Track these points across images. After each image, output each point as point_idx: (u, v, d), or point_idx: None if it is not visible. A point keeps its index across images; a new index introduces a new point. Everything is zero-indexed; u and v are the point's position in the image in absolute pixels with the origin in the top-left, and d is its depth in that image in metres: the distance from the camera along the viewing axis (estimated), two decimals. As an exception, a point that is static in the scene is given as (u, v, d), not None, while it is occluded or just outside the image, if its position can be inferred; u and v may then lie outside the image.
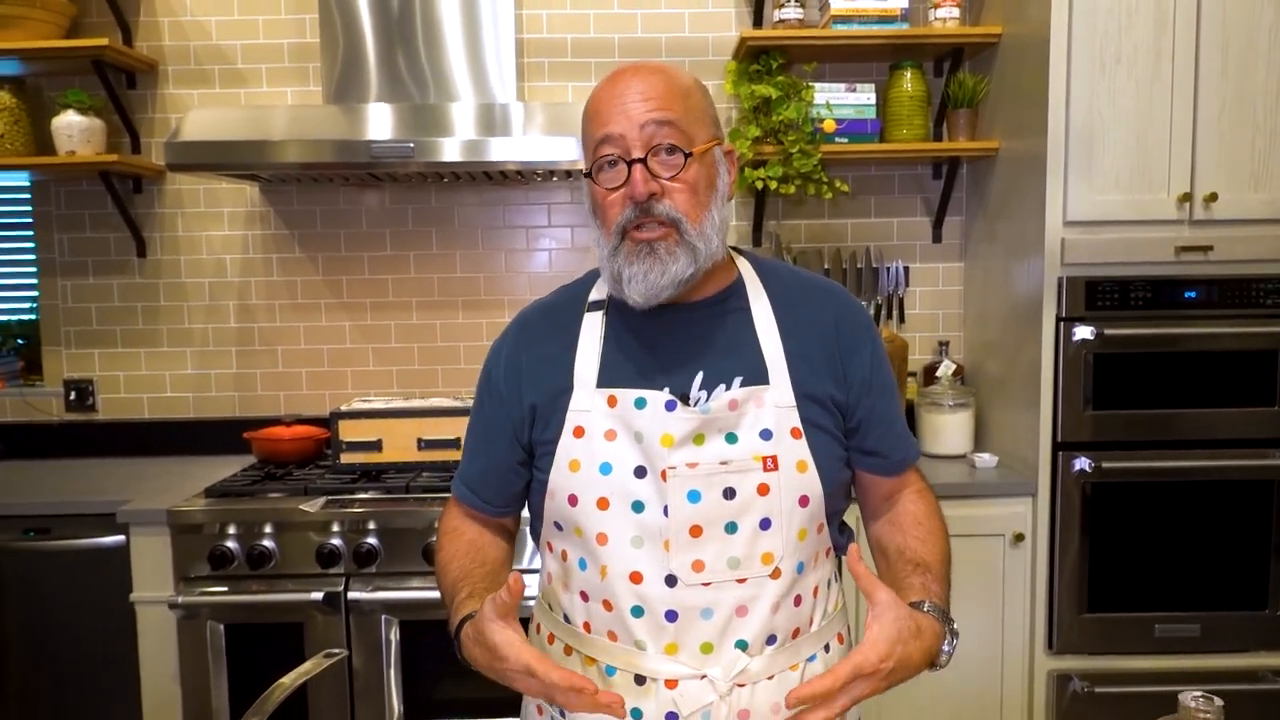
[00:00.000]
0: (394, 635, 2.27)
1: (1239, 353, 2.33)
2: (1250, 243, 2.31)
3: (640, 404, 1.14)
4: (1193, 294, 2.33)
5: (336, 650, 1.04)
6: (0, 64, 2.64)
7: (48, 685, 2.40)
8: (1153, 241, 2.32)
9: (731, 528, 1.12)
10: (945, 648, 1.08)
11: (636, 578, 1.12)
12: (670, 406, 1.13)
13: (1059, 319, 2.34)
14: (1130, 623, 2.38)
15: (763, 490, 1.12)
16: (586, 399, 1.16)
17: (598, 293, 1.24)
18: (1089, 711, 2.38)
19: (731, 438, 1.13)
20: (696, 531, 1.11)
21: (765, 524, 1.13)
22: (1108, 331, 2.31)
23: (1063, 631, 2.38)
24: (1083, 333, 2.32)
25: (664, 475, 1.11)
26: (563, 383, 1.19)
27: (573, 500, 1.15)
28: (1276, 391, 2.34)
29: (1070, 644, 2.39)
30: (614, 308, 1.22)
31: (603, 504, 1.13)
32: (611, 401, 1.16)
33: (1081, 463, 2.34)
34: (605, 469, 1.14)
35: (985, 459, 2.53)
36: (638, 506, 1.12)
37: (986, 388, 2.74)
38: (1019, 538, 2.38)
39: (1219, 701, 0.82)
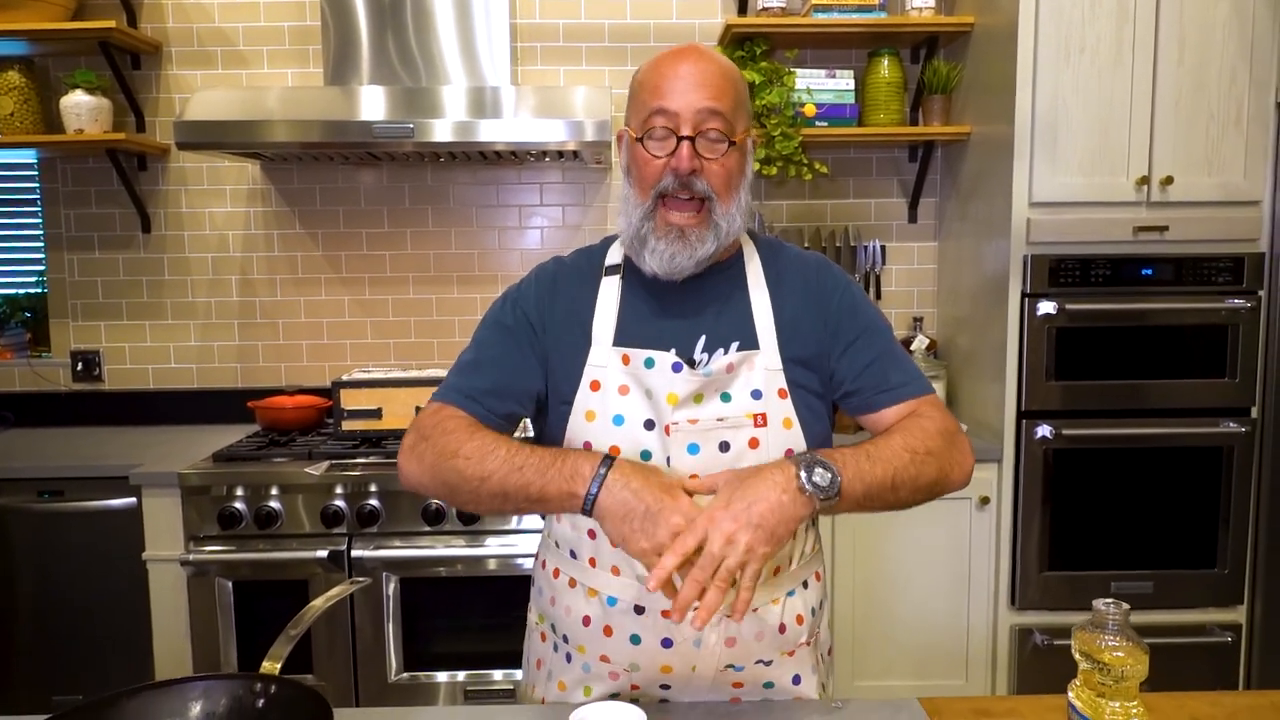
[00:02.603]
0: (394, 591, 2.40)
1: (1193, 327, 2.48)
2: (1203, 223, 2.45)
3: (649, 364, 1.25)
4: (1149, 271, 2.47)
5: (362, 579, 1.16)
6: (9, 45, 2.73)
7: (63, 640, 2.52)
8: (1112, 222, 2.45)
9: None
10: (801, 474, 1.09)
11: None
12: (676, 368, 1.24)
13: (1024, 295, 2.47)
14: (1088, 580, 2.53)
15: (753, 444, 1.23)
16: (603, 355, 1.27)
17: (614, 257, 1.34)
18: (1048, 662, 2.53)
19: (726, 397, 1.25)
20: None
21: None
22: (1069, 306, 2.45)
23: (1025, 588, 2.53)
24: (1046, 308, 2.46)
25: (667, 430, 1.22)
26: (581, 339, 1.28)
27: (587, 447, 1.24)
28: (1227, 364, 2.49)
29: (1032, 600, 2.54)
30: (629, 272, 1.32)
31: (615, 452, 1.22)
32: (625, 360, 1.26)
33: (1044, 430, 2.49)
34: (618, 420, 1.24)
35: (954, 427, 2.67)
36: (645, 455, 1.23)
37: (958, 360, 2.88)
38: (985, 501, 2.52)
39: (1126, 606, 0.95)
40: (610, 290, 1.31)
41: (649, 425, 1.23)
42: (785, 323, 1.29)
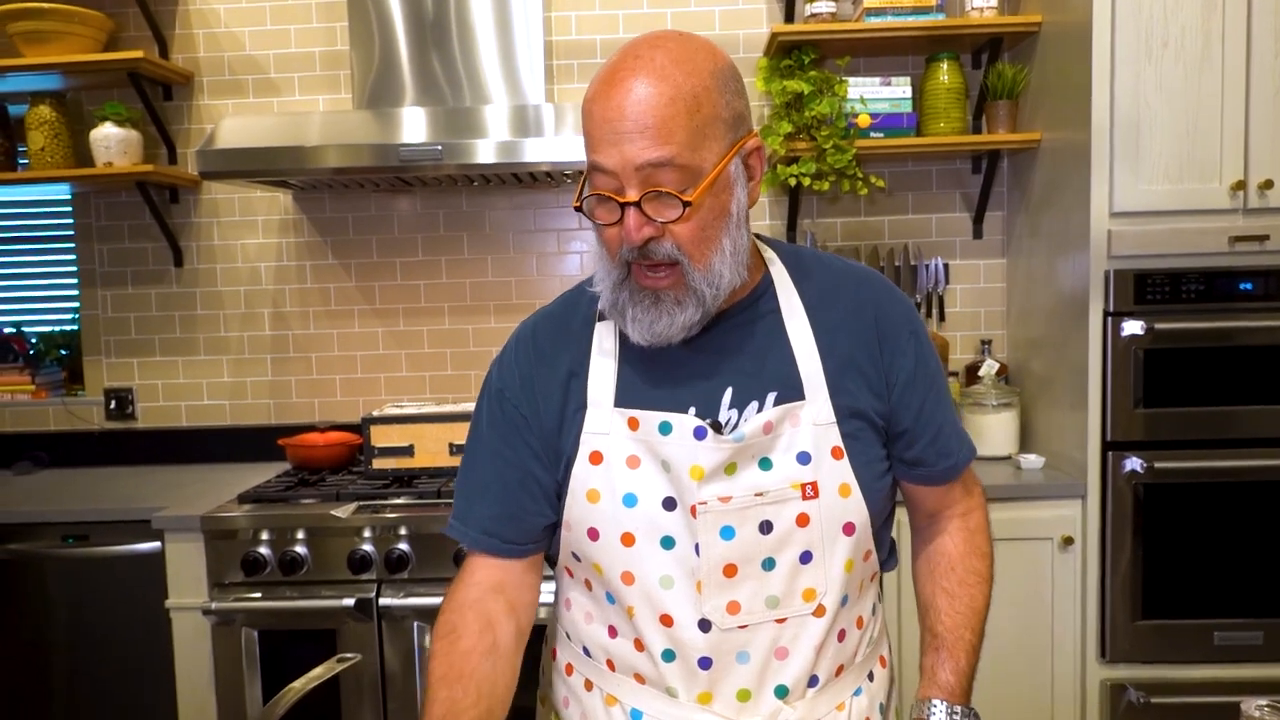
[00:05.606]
0: (426, 642, 2.25)
1: (1299, 347, 2.23)
2: (1309, 231, 2.22)
3: (665, 429, 1.02)
4: (1248, 285, 2.23)
5: (349, 655, 1.01)
6: (40, 79, 2.68)
7: (86, 690, 2.42)
8: (1205, 232, 2.22)
9: (769, 564, 1.02)
10: None
11: (667, 620, 1.02)
12: (700, 434, 1.01)
13: (1107, 314, 2.25)
14: (1188, 630, 2.28)
15: (802, 521, 1.02)
16: (604, 420, 1.04)
17: None
18: (1145, 723, 2.29)
19: (766, 463, 1.02)
20: (731, 571, 1.01)
21: (806, 557, 1.03)
22: (1159, 326, 2.23)
23: (1116, 639, 2.29)
24: (1132, 327, 2.23)
25: (694, 511, 1.00)
26: (575, 401, 1.06)
27: (593, 534, 1.04)
28: (1340, 387, 2.24)
29: (1124, 652, 2.30)
30: None
31: (628, 540, 1.02)
32: (633, 424, 1.03)
33: (1133, 463, 2.25)
34: (630, 500, 1.02)
35: (1031, 460, 2.45)
36: (668, 542, 1.01)
37: (1031, 387, 2.66)
38: (1068, 541, 2.29)
39: (1284, 709, 0.76)
40: (606, 338, 1.07)
41: (669, 504, 1.01)
42: (836, 363, 1.06)
